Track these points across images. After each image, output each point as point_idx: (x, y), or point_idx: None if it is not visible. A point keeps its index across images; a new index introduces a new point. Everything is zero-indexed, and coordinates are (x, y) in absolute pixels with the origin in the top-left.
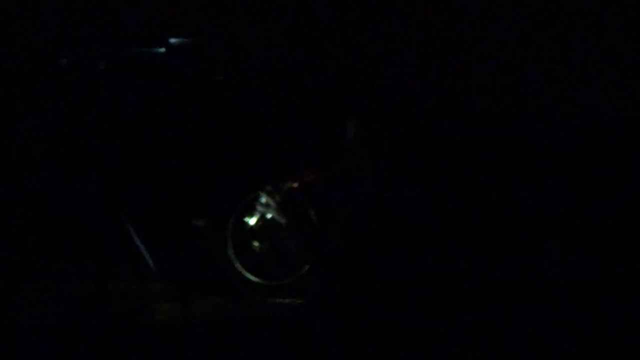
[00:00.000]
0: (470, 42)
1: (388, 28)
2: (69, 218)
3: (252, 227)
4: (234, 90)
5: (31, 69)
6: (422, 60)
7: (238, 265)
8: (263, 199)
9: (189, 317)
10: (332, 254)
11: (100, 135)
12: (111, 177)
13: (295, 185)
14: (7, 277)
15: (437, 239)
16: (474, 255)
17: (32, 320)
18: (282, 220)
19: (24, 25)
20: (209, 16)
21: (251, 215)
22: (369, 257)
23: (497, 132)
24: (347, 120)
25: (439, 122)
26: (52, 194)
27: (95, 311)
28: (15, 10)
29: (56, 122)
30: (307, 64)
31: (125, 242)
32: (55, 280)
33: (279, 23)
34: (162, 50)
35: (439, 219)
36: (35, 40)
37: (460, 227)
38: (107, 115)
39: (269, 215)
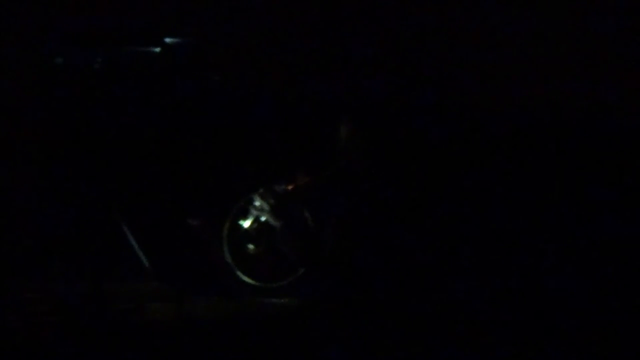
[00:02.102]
0: (467, 40)
1: (382, 27)
2: (64, 217)
3: (246, 229)
4: (229, 90)
5: (26, 68)
6: (417, 59)
7: (233, 267)
8: (257, 202)
9: (183, 317)
10: (327, 256)
11: (95, 134)
12: (106, 177)
13: (290, 187)
14: (1, 277)
15: (434, 239)
16: (474, 256)
17: (26, 320)
18: (276, 223)
19: (18, 24)
20: (205, 16)
21: (246, 218)
22: (364, 259)
23: (495, 130)
24: (341, 121)
25: (434, 121)
26: (47, 193)
27: (89, 310)
28: (9, 8)
29: (51, 122)
30: (302, 64)
31: (121, 241)
32: (49, 279)
33: (275, 23)
34: (158, 49)
35: (437, 218)
36: (30, 39)
37: (459, 226)
38: (102, 114)
39: (263, 218)
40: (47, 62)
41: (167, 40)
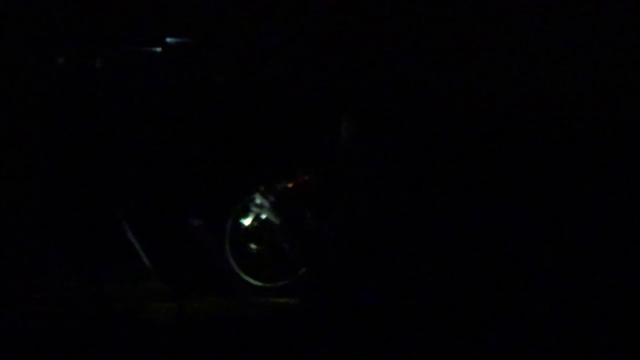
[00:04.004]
0: (468, 40)
1: (384, 26)
2: (65, 217)
3: (247, 228)
4: (230, 90)
5: (28, 68)
6: (419, 59)
7: (235, 267)
8: (257, 200)
9: (184, 317)
10: (328, 255)
11: (97, 134)
12: (108, 177)
13: (290, 185)
14: (2, 277)
15: (435, 238)
16: (474, 254)
17: (27, 320)
18: (277, 221)
19: (20, 23)
20: (205, 15)
21: (246, 216)
22: (365, 257)
23: (495, 130)
24: (342, 119)
25: (435, 120)
26: (49, 193)
27: (91, 310)
28: (11, 8)
29: (53, 121)
30: (303, 63)
31: (123, 241)
32: (51, 279)
33: (276, 23)
34: (159, 49)
35: (437, 217)
36: (32, 39)
37: (459, 225)
38: (104, 114)
39: (263, 216)
40: (49, 61)
41: (169, 40)
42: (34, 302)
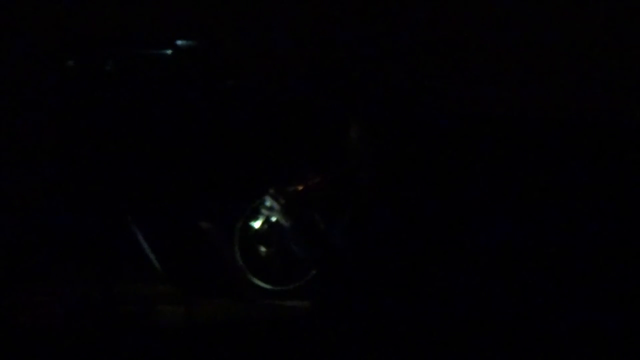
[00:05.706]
0: (473, 42)
1: (390, 28)
2: (73, 219)
3: (257, 230)
4: (240, 92)
5: (37, 70)
6: (426, 61)
7: (245, 269)
8: (267, 202)
9: (193, 320)
10: (338, 258)
11: (106, 136)
12: (117, 179)
13: (300, 187)
14: (10, 278)
15: (443, 242)
16: (479, 256)
17: (35, 322)
18: (287, 224)
19: (29, 25)
20: (216, 18)
21: (256, 219)
22: (375, 261)
23: (502, 133)
24: (351, 121)
25: (444, 123)
26: (56, 195)
27: (99, 313)
28: (20, 10)
29: (61, 123)
30: (312, 65)
31: (131, 243)
32: (59, 281)
33: (286, 25)
34: (169, 52)
35: (446, 221)
36: (41, 41)
37: (466, 228)
38: (113, 116)
39: (273, 219)
40: (58, 64)
41: (179, 42)
42: (41, 304)
